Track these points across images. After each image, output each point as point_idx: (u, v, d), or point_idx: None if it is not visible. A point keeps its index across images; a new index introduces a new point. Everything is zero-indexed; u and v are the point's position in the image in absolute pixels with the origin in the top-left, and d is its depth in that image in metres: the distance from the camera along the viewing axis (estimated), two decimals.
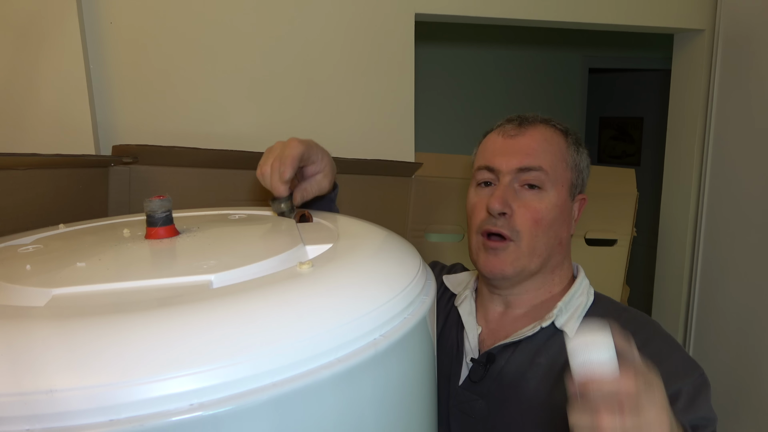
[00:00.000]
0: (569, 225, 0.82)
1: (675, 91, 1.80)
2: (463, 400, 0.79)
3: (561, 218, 0.79)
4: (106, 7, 1.17)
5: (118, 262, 0.51)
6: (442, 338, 0.87)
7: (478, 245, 0.80)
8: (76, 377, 0.33)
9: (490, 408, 0.76)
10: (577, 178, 0.82)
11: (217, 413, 0.34)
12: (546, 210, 0.76)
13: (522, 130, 0.80)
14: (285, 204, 0.73)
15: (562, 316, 0.75)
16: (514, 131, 0.80)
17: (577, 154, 0.82)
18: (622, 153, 3.85)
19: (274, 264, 0.49)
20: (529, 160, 0.77)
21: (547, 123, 0.83)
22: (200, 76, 1.25)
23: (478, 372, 0.78)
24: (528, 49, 2.91)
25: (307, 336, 0.39)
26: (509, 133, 0.81)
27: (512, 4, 1.43)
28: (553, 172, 0.78)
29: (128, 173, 1.13)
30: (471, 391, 0.79)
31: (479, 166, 0.82)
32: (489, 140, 0.84)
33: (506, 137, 0.80)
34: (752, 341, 1.55)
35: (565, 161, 0.80)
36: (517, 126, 0.81)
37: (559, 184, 0.78)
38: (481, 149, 0.85)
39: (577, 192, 0.83)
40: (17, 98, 1.11)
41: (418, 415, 0.52)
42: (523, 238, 0.76)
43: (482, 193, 0.81)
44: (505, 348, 0.77)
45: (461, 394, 0.79)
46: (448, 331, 0.87)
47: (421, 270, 0.57)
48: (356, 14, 1.32)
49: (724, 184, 1.62)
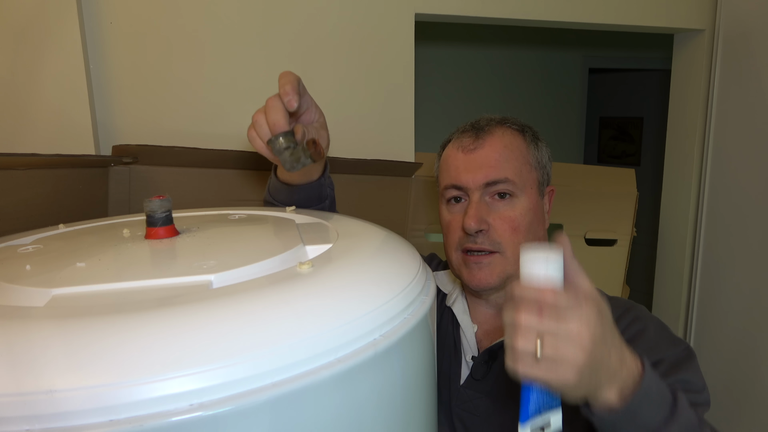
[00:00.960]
0: (544, 221, 0.83)
1: (675, 91, 1.80)
2: (466, 400, 0.79)
3: (536, 219, 0.79)
4: (106, 7, 1.17)
5: (118, 262, 0.51)
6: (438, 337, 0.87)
7: (459, 261, 0.80)
8: (76, 377, 0.33)
9: (495, 405, 0.77)
10: (542, 174, 0.82)
11: (217, 413, 0.34)
12: (521, 216, 0.77)
13: (480, 142, 0.78)
14: (285, 139, 0.65)
15: None
16: (472, 144, 0.79)
17: (538, 150, 0.81)
18: (622, 153, 3.85)
19: (274, 264, 0.49)
20: (494, 173, 0.76)
21: (502, 125, 0.81)
22: (200, 76, 1.25)
23: (481, 369, 0.79)
24: (528, 49, 2.91)
25: (306, 336, 0.39)
26: (468, 147, 0.79)
27: (512, 4, 1.43)
28: (520, 178, 0.77)
29: (128, 173, 1.13)
30: (474, 390, 0.79)
31: (446, 185, 0.81)
32: (449, 156, 0.82)
33: (466, 152, 0.79)
34: (752, 341, 1.55)
35: (529, 163, 0.79)
36: (474, 137, 0.79)
37: (528, 187, 0.78)
38: (444, 165, 0.83)
39: (545, 187, 0.83)
40: (17, 98, 1.11)
41: (418, 416, 0.52)
42: (505, 249, 0.76)
43: (454, 209, 0.80)
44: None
45: (464, 394, 0.80)
46: (444, 330, 0.86)
47: (421, 270, 0.57)
48: (356, 14, 1.32)
49: (724, 184, 1.62)
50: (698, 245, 1.70)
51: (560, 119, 3.08)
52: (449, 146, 0.83)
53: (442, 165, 0.83)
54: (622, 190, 1.58)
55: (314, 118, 0.76)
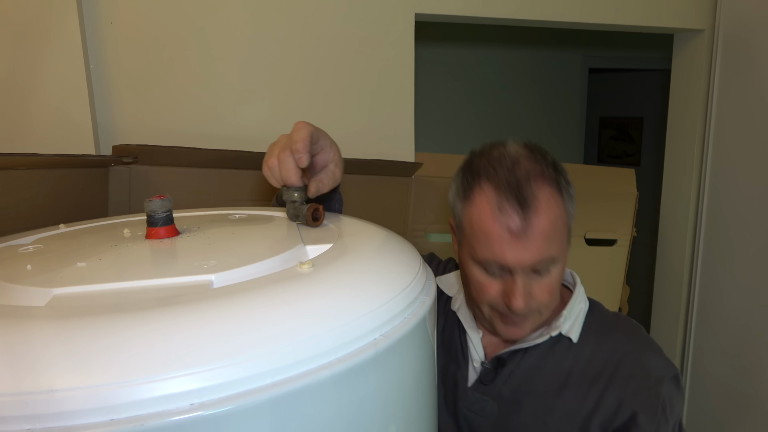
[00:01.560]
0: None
1: (675, 91, 1.80)
2: (473, 402, 0.80)
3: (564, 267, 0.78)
4: (106, 7, 1.17)
5: (118, 262, 0.51)
6: (443, 340, 0.87)
7: (491, 315, 0.77)
8: (76, 377, 0.33)
9: (500, 409, 0.78)
10: (572, 222, 0.77)
11: (218, 413, 0.34)
12: (558, 278, 0.75)
13: (527, 224, 0.69)
14: (298, 193, 0.67)
15: (566, 323, 0.78)
16: (518, 226, 0.69)
17: (570, 202, 0.75)
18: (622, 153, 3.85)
19: (275, 264, 0.49)
20: (541, 255, 0.70)
21: (542, 183, 0.71)
22: (200, 77, 1.25)
23: (489, 375, 0.80)
24: (528, 49, 2.91)
25: (307, 336, 0.39)
26: (514, 229, 0.69)
27: (512, 4, 1.43)
28: (562, 247, 0.73)
29: (128, 173, 1.13)
30: (481, 392, 0.80)
31: (485, 259, 0.72)
32: (490, 229, 0.70)
33: (512, 235, 0.69)
34: (752, 341, 1.56)
35: (567, 225, 0.74)
36: (521, 216, 0.69)
37: (565, 248, 0.75)
38: (480, 233, 0.71)
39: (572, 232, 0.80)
40: (17, 98, 1.11)
41: (418, 415, 0.52)
42: (543, 311, 0.76)
43: (492, 275, 0.74)
44: (515, 353, 0.79)
45: (471, 396, 0.81)
46: (449, 334, 0.87)
47: (421, 270, 0.57)
48: (356, 14, 1.32)
49: (724, 184, 1.62)
50: (698, 245, 1.70)
51: (560, 119, 3.08)
52: (484, 205, 0.71)
53: (475, 228, 0.72)
54: (622, 190, 1.58)
55: (329, 158, 0.74)
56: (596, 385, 0.76)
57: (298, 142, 0.66)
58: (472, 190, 0.73)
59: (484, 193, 0.71)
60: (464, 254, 0.77)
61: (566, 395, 0.76)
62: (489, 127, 2.90)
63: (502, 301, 0.74)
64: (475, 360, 0.82)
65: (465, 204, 0.74)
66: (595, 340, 0.78)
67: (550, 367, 0.77)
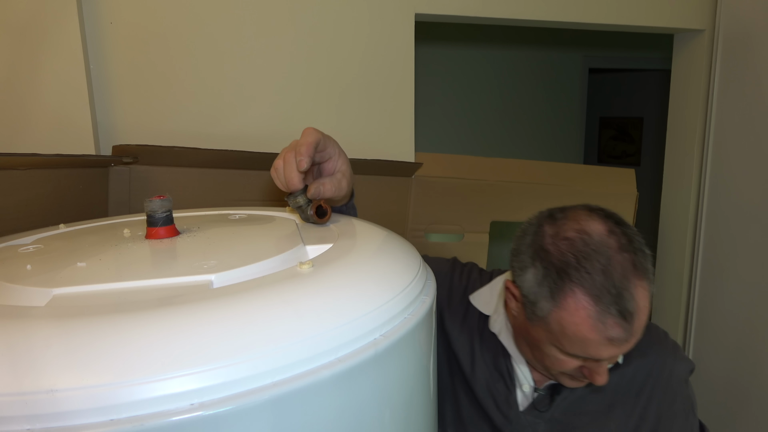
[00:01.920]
0: None
1: (675, 91, 1.80)
2: (526, 425, 0.82)
3: None
4: (106, 7, 1.17)
5: (118, 262, 0.51)
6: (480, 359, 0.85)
7: (560, 376, 0.77)
8: (76, 377, 0.33)
9: (552, 430, 0.81)
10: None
11: (218, 413, 0.34)
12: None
13: (630, 332, 0.67)
14: (302, 198, 0.68)
15: None
16: (621, 335, 0.66)
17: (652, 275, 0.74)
18: (622, 153, 3.85)
19: (275, 264, 0.49)
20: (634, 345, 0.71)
21: (639, 278, 0.67)
22: (200, 76, 1.25)
23: (544, 401, 0.82)
24: (528, 49, 2.91)
25: (307, 336, 0.39)
26: (616, 339, 0.66)
27: (512, 4, 1.43)
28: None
29: (128, 173, 1.13)
30: (534, 417, 0.82)
31: (575, 354, 0.70)
32: (587, 336, 0.67)
33: (612, 342, 0.67)
34: (752, 341, 1.56)
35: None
36: (625, 328, 0.66)
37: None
38: (574, 338, 0.67)
39: None
40: (17, 98, 1.11)
41: (418, 415, 0.52)
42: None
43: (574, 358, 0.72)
44: None
45: (524, 419, 0.82)
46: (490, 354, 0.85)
47: (421, 270, 0.57)
48: (356, 14, 1.32)
49: (724, 184, 1.62)
50: (698, 245, 1.70)
51: (560, 119, 3.08)
52: (580, 315, 0.66)
53: (568, 332, 0.68)
54: (622, 190, 1.58)
55: (336, 168, 0.73)
56: (640, 399, 0.79)
57: (303, 145, 0.66)
58: (563, 294, 0.67)
59: (579, 301, 0.66)
60: (540, 336, 0.72)
61: (615, 412, 0.79)
62: (489, 127, 2.91)
63: (579, 372, 0.72)
64: (523, 385, 0.83)
65: (552, 304, 0.68)
66: (636, 354, 0.79)
67: (599, 387, 0.78)
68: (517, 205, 1.47)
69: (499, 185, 1.45)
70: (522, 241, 0.74)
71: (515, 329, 0.80)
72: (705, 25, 1.63)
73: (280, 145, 0.74)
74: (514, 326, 0.80)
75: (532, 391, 0.82)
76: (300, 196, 0.68)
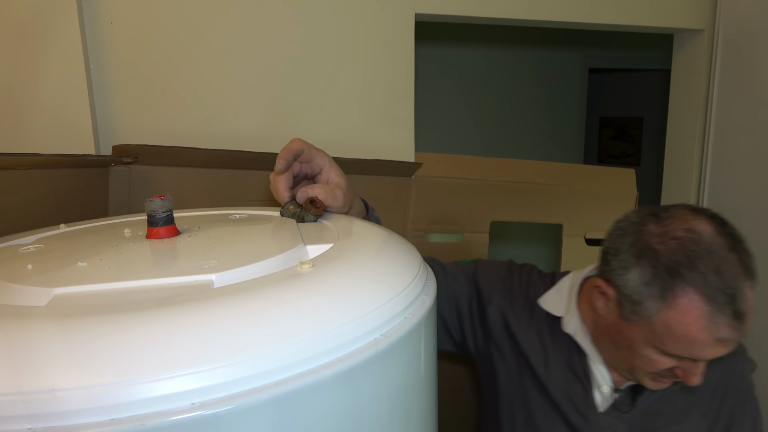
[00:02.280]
0: None
1: (675, 91, 1.80)
2: (606, 426, 0.82)
3: None
4: (106, 7, 1.17)
5: (119, 261, 0.51)
6: (554, 360, 0.85)
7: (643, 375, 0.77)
8: (77, 377, 0.33)
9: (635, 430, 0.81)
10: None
11: (218, 413, 0.34)
12: None
13: (740, 332, 0.68)
14: (293, 205, 0.70)
15: None
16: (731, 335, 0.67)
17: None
18: (622, 153, 3.85)
19: (275, 264, 0.49)
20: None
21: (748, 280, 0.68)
22: (200, 76, 1.25)
23: (626, 402, 0.81)
24: (528, 49, 2.91)
25: (307, 335, 0.39)
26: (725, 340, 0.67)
27: (512, 4, 1.43)
28: None
29: (128, 173, 1.13)
30: (615, 418, 0.82)
31: (677, 355, 0.70)
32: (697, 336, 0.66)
33: (720, 343, 0.67)
34: (752, 341, 1.55)
35: None
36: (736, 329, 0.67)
37: None
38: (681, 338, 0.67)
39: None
40: (17, 98, 1.11)
41: (418, 415, 0.52)
42: None
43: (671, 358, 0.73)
44: None
45: (604, 420, 0.82)
46: (564, 355, 0.85)
47: (421, 270, 0.57)
48: (356, 14, 1.32)
49: (724, 184, 1.62)
50: None
51: (560, 119, 3.09)
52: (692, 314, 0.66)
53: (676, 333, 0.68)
54: (622, 190, 1.58)
55: (328, 179, 0.73)
56: (714, 399, 0.80)
57: (281, 153, 0.69)
58: (674, 294, 0.66)
59: (693, 302, 0.65)
60: (637, 335, 0.71)
61: (693, 412, 0.80)
62: (489, 127, 2.91)
63: (669, 373, 0.72)
64: (602, 386, 0.82)
65: (662, 304, 0.67)
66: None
67: (677, 389, 0.80)
68: (517, 205, 1.47)
69: (499, 185, 1.45)
70: (621, 240, 0.73)
71: (598, 329, 0.79)
72: (705, 25, 1.63)
73: (280, 145, 0.74)
74: (598, 326, 0.79)
75: (611, 392, 0.82)
76: (291, 204, 0.70)
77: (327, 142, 0.81)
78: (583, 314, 0.84)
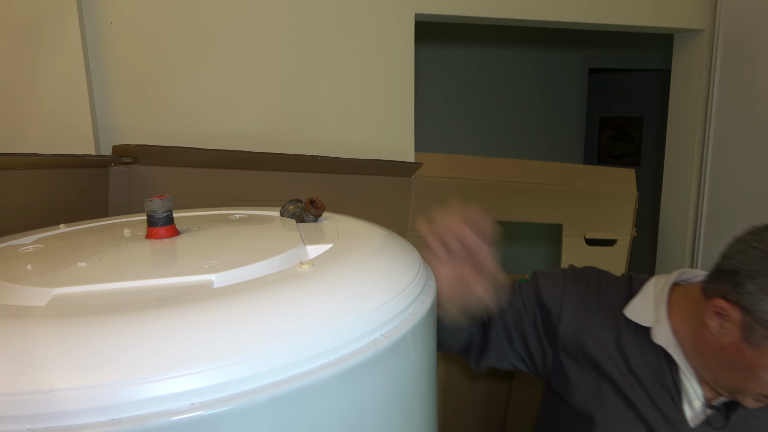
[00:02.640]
0: None
1: (675, 91, 1.80)
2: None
3: None
4: (106, 7, 1.17)
5: (118, 261, 0.51)
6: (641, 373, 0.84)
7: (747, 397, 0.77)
8: (77, 377, 0.33)
9: None
10: None
11: (218, 413, 0.34)
12: None
13: None
14: (293, 206, 0.71)
15: None
16: None
17: None
18: (622, 153, 3.85)
19: (275, 264, 0.49)
20: None
21: None
22: (200, 77, 1.25)
23: (719, 418, 0.80)
24: (528, 49, 2.91)
25: (307, 335, 0.39)
26: None
27: (512, 4, 1.43)
28: None
29: (128, 173, 1.13)
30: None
31: None
32: None
33: None
34: None
35: None
36: None
37: None
38: None
39: None
40: (17, 98, 1.11)
41: (418, 415, 0.52)
42: None
43: None
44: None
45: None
46: (653, 366, 0.83)
47: (421, 270, 0.57)
48: (356, 14, 1.32)
49: (724, 184, 1.62)
50: (698, 245, 1.70)
51: (560, 119, 3.08)
52: None
53: None
54: (622, 190, 1.58)
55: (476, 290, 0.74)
56: None
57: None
58: None
59: None
60: (762, 362, 0.71)
61: None
62: (489, 127, 2.91)
63: None
64: (693, 401, 0.81)
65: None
66: None
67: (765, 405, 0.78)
68: (517, 205, 1.47)
69: (499, 185, 1.45)
70: (762, 263, 0.71)
71: (704, 346, 0.78)
72: (705, 25, 1.63)
73: (280, 145, 0.74)
74: (705, 343, 0.77)
75: (703, 407, 0.81)
76: (291, 204, 0.71)
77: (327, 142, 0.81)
78: (675, 326, 0.81)
